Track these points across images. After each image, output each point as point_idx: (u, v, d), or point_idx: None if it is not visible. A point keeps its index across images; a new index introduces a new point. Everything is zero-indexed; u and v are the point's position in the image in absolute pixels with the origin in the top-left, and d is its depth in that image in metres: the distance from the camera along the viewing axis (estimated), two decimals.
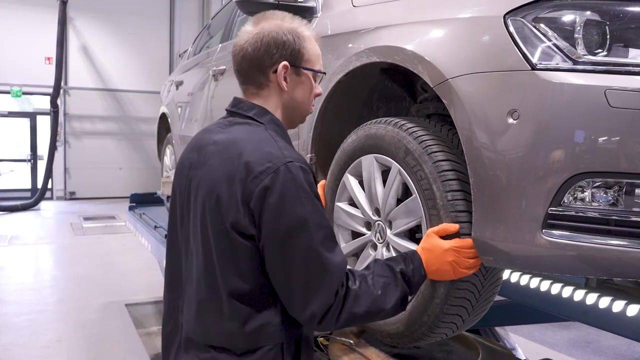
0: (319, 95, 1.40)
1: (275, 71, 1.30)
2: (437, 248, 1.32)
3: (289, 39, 1.29)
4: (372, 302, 1.23)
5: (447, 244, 1.32)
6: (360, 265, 1.71)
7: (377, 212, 1.64)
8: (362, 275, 1.26)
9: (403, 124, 1.53)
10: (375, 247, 1.66)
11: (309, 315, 1.20)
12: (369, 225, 1.69)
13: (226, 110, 1.38)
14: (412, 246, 1.52)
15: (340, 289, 1.21)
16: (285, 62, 1.29)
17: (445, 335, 1.55)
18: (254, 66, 1.30)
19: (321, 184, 1.91)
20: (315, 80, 1.37)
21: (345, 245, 1.78)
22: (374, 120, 1.66)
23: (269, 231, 1.17)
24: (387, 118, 1.61)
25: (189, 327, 1.30)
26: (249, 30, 1.31)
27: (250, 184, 1.17)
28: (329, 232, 1.23)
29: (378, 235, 1.63)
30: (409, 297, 1.31)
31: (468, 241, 1.33)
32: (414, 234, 1.57)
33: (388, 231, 1.59)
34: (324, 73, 1.39)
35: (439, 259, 1.31)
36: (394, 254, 1.57)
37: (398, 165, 1.52)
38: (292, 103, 1.35)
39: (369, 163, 1.64)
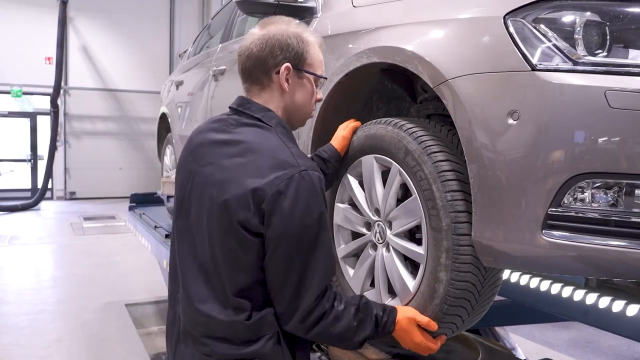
0: (320, 100, 1.45)
1: (278, 72, 1.34)
2: (409, 334, 1.41)
3: (293, 42, 1.34)
4: (347, 329, 1.31)
5: (418, 338, 1.41)
6: (360, 266, 1.71)
7: (377, 212, 1.64)
8: (348, 302, 1.34)
9: (403, 125, 1.53)
10: (375, 247, 1.66)
11: (291, 310, 1.28)
12: (369, 225, 1.69)
13: (230, 108, 1.41)
14: (412, 246, 1.52)
15: (326, 301, 1.29)
16: (287, 64, 1.33)
17: (445, 335, 1.55)
18: (258, 66, 1.34)
19: (354, 125, 1.76)
20: (316, 85, 1.42)
21: (345, 245, 1.78)
22: (373, 121, 1.66)
23: (279, 233, 1.23)
24: (387, 118, 1.61)
25: (186, 319, 1.34)
26: (256, 32, 1.36)
27: (264, 187, 1.22)
28: (330, 235, 1.31)
29: (378, 235, 1.63)
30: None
31: (437, 344, 1.45)
32: (413, 234, 1.57)
33: (388, 231, 1.59)
34: (326, 78, 1.44)
35: (403, 339, 1.42)
36: (394, 254, 1.57)
37: (398, 166, 1.52)
38: (293, 105, 1.39)
39: (369, 163, 1.64)
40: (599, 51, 1.20)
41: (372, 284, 1.69)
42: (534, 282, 2.02)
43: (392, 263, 1.58)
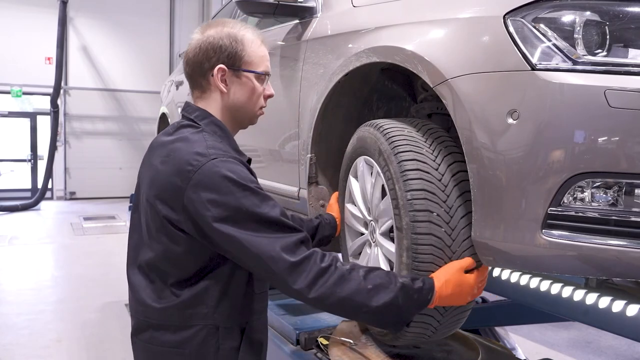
0: (270, 96, 1.47)
1: (214, 74, 1.38)
2: (465, 284, 1.35)
3: (225, 43, 1.37)
4: (357, 291, 1.24)
5: (473, 280, 1.36)
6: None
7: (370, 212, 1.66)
8: (356, 265, 1.31)
9: (380, 125, 1.54)
10: (371, 245, 1.67)
11: (274, 278, 1.26)
12: (366, 225, 1.70)
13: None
14: (388, 245, 1.53)
15: (319, 260, 1.24)
16: (221, 65, 1.37)
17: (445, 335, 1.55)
18: (196, 70, 1.40)
19: (334, 195, 1.93)
20: (261, 82, 1.43)
21: (352, 244, 1.80)
22: (364, 123, 1.68)
23: (210, 224, 1.24)
24: (372, 121, 1.63)
25: (131, 309, 1.42)
26: (194, 37, 1.41)
27: (180, 183, 1.26)
28: (267, 201, 1.28)
29: (372, 234, 1.65)
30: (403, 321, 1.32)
31: (485, 271, 1.40)
32: None
33: (377, 231, 1.61)
34: (267, 74, 1.44)
35: (462, 293, 1.35)
36: (379, 253, 1.60)
37: (377, 166, 1.53)
38: (235, 104, 1.42)
39: (361, 165, 1.67)
40: (599, 51, 1.20)
41: None
42: (534, 282, 2.01)
43: (378, 262, 1.60)
